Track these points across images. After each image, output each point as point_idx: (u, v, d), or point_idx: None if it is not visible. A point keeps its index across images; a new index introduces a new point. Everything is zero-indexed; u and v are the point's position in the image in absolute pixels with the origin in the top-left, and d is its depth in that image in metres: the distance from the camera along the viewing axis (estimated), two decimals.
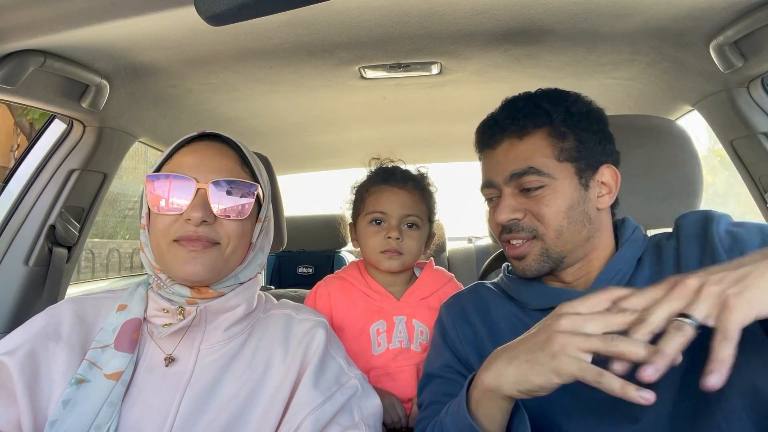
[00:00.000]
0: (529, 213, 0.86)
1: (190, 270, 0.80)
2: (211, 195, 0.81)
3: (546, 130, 0.86)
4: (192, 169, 0.82)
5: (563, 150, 0.86)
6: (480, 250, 3.04)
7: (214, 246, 0.82)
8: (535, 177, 0.85)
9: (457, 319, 0.95)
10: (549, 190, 0.85)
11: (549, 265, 0.86)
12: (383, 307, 1.17)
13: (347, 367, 0.86)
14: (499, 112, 0.93)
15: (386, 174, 1.21)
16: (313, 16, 1.07)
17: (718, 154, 2.52)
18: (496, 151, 0.90)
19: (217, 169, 0.83)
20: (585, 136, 0.87)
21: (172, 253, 0.81)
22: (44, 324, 0.84)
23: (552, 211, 0.84)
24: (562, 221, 0.84)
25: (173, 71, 1.34)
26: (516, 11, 1.08)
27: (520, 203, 0.86)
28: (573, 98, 0.90)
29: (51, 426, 0.73)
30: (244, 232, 0.85)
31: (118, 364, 0.80)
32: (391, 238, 1.14)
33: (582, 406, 0.80)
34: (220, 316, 0.85)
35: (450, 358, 0.93)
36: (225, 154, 0.86)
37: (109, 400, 0.76)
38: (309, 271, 2.89)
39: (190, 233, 0.79)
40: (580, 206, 0.86)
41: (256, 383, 0.81)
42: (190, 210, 0.79)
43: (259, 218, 0.89)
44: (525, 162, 0.85)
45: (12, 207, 1.39)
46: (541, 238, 0.85)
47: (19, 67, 1.04)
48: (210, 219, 0.80)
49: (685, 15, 1.09)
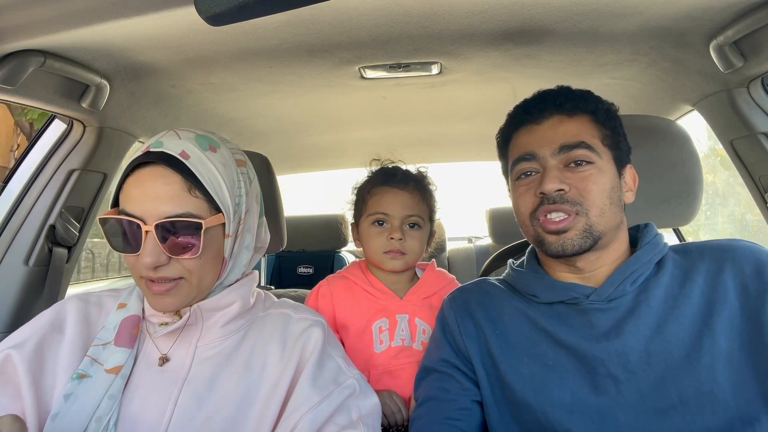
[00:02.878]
0: (574, 187, 0.85)
1: (160, 307, 0.82)
2: (159, 237, 0.77)
3: (592, 116, 0.90)
4: (137, 203, 0.78)
5: (605, 136, 0.88)
6: (480, 250, 3.04)
7: (180, 282, 0.80)
8: (586, 152, 0.86)
9: (459, 312, 0.95)
10: (595, 168, 0.86)
11: (590, 242, 0.84)
12: (386, 305, 1.17)
13: (346, 367, 0.86)
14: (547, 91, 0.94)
15: (387, 175, 1.21)
16: (313, 16, 1.07)
17: (719, 154, 2.52)
18: (542, 125, 0.90)
19: (160, 201, 0.77)
20: (617, 133, 0.90)
21: (144, 288, 0.82)
22: (51, 319, 0.86)
23: (598, 188, 0.85)
24: (605, 200, 0.85)
25: (173, 71, 1.34)
26: (516, 11, 1.08)
27: (566, 176, 0.86)
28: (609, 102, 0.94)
29: (53, 419, 0.75)
30: (206, 260, 0.81)
31: (117, 358, 0.81)
32: (393, 238, 1.15)
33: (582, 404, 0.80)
34: (216, 314, 0.86)
35: (448, 353, 0.94)
36: (168, 181, 0.78)
37: (109, 393, 0.78)
38: (309, 271, 2.89)
39: (150, 274, 0.78)
40: (617, 192, 0.88)
41: (254, 381, 0.82)
42: (142, 256, 0.77)
43: (227, 234, 0.83)
44: (576, 137, 0.86)
45: (12, 207, 1.39)
46: (584, 213, 0.84)
47: (19, 67, 1.04)
48: (163, 260, 0.78)
49: (685, 15, 1.09)
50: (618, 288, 0.84)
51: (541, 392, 0.83)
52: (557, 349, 0.85)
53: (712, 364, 0.77)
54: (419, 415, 0.91)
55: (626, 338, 0.81)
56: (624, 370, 0.80)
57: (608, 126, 0.90)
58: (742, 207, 3.13)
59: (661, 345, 0.79)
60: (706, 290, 0.82)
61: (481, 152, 2.68)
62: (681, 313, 0.81)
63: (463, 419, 0.89)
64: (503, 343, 0.89)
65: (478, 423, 0.90)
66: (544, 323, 0.87)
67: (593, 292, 0.85)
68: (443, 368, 0.93)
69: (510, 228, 2.68)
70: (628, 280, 0.84)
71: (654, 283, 0.84)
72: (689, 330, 0.80)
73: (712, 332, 0.78)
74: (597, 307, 0.84)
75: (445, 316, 0.97)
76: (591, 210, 0.84)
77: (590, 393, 0.80)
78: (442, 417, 0.89)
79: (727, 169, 2.67)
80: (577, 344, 0.83)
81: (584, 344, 0.83)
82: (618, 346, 0.81)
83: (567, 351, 0.84)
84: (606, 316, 0.84)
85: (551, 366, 0.84)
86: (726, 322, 0.79)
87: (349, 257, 2.95)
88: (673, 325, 0.80)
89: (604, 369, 0.81)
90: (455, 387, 0.91)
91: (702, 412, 0.75)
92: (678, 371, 0.77)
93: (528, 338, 0.88)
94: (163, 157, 0.79)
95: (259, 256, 0.96)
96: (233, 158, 0.87)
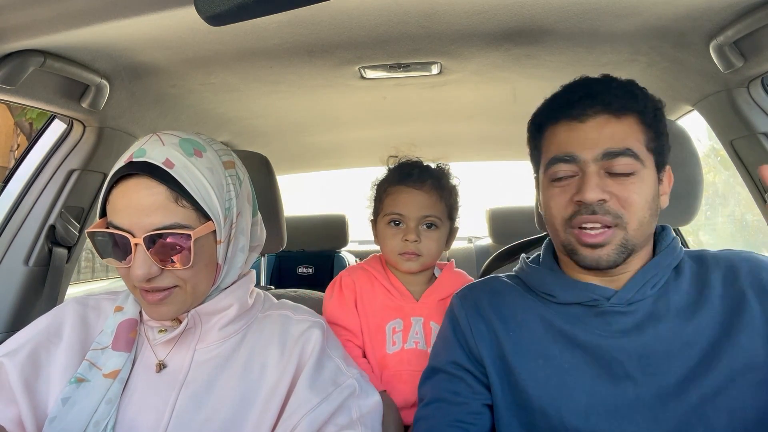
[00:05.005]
0: (615, 197, 0.79)
1: (156, 315, 0.81)
2: (148, 249, 0.76)
3: (638, 117, 0.83)
4: (125, 215, 0.77)
5: (650, 139, 0.83)
6: (480, 250, 3.04)
7: (174, 290, 0.80)
8: (631, 161, 0.79)
9: (470, 312, 0.92)
10: (638, 178, 0.80)
11: (624, 255, 0.80)
12: (402, 306, 1.15)
13: (345, 367, 0.86)
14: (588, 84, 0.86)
15: (403, 173, 1.18)
16: (313, 16, 1.07)
17: (719, 154, 2.52)
18: (586, 124, 0.82)
19: (146, 213, 0.76)
20: (662, 131, 0.85)
21: (138, 297, 0.81)
22: (48, 324, 0.86)
23: (641, 199, 0.80)
24: (646, 212, 0.80)
25: (173, 71, 1.33)
26: (516, 11, 1.08)
27: (607, 185, 0.80)
28: (656, 98, 0.87)
29: (50, 422, 0.76)
30: (198, 270, 0.80)
31: (115, 363, 0.81)
32: (408, 240, 1.12)
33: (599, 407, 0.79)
34: (214, 317, 0.85)
35: (459, 354, 0.90)
36: (154, 192, 0.77)
37: (107, 398, 0.78)
38: (309, 271, 2.89)
39: (143, 285, 0.78)
40: (656, 200, 0.84)
41: (253, 383, 0.82)
42: (133, 269, 0.76)
43: (219, 240, 0.82)
44: (622, 142, 0.80)
45: (12, 207, 1.38)
46: (624, 226, 0.79)
47: (19, 67, 1.04)
48: (154, 272, 0.77)
49: (685, 15, 1.09)
50: (639, 291, 0.82)
51: (557, 397, 0.81)
52: (574, 350, 0.83)
53: (732, 367, 0.76)
54: (425, 415, 0.89)
55: (646, 340, 0.80)
56: (642, 373, 0.78)
57: (654, 128, 0.83)
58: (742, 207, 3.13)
59: (682, 348, 0.78)
60: (725, 296, 0.81)
61: (481, 152, 2.68)
62: (702, 316, 0.80)
63: (473, 423, 0.86)
64: (517, 346, 0.86)
65: (488, 427, 0.88)
66: (560, 324, 0.85)
67: (614, 295, 0.83)
68: (453, 370, 0.90)
69: (510, 228, 2.68)
70: (649, 284, 0.83)
71: (674, 288, 0.83)
72: (709, 334, 0.79)
73: (733, 335, 0.78)
74: (617, 309, 0.82)
75: (456, 316, 0.93)
76: (630, 223, 0.79)
77: (607, 395, 0.79)
78: (451, 419, 0.86)
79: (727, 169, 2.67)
80: (596, 343, 0.81)
81: (603, 342, 0.81)
82: (637, 347, 0.79)
83: (584, 351, 0.82)
84: (626, 318, 0.82)
85: (567, 369, 0.82)
86: (748, 325, 0.78)
87: (349, 257, 2.95)
88: (693, 329, 0.79)
89: (622, 370, 0.79)
90: (465, 390, 0.88)
91: (719, 416, 0.74)
92: (698, 374, 0.77)
93: (543, 339, 0.85)
94: (146, 167, 0.77)
95: (255, 254, 0.95)
96: (220, 161, 0.84)
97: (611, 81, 0.85)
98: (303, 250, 2.88)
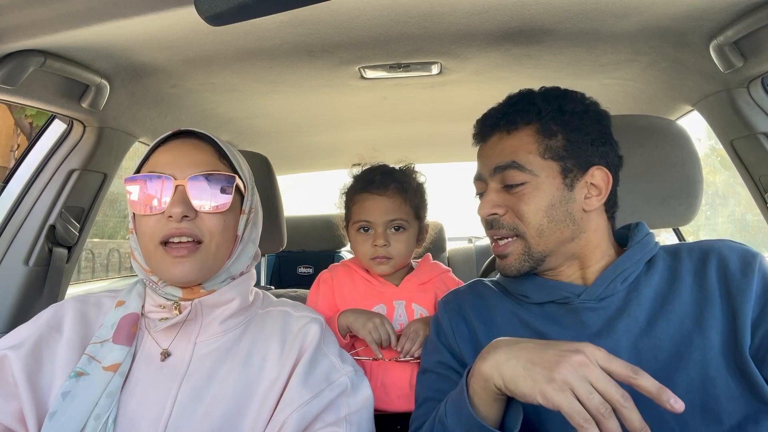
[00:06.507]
0: (510, 210, 0.86)
1: (178, 273, 0.82)
2: (190, 191, 0.81)
3: (534, 127, 0.87)
4: (169, 166, 0.82)
5: (549, 148, 0.85)
6: (480, 250, 3.04)
7: (199, 247, 0.82)
8: (517, 172, 0.85)
9: (453, 315, 0.95)
10: (530, 188, 0.84)
11: (529, 264, 0.86)
12: (383, 292, 1.18)
13: (340, 365, 0.87)
14: (495, 107, 0.93)
15: (365, 181, 1.20)
16: (313, 16, 1.07)
17: (719, 154, 2.52)
18: (487, 144, 0.91)
19: (194, 164, 0.83)
20: (575, 135, 0.86)
21: (160, 256, 0.82)
22: (49, 318, 0.87)
23: (531, 209, 0.84)
24: (542, 220, 0.84)
25: (173, 71, 1.34)
26: (516, 11, 1.08)
27: (503, 199, 0.86)
28: (570, 97, 0.89)
29: (51, 417, 0.76)
30: (226, 226, 0.85)
31: (116, 356, 0.82)
32: (377, 245, 1.15)
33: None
34: (216, 310, 0.86)
35: (444, 355, 0.94)
36: (201, 149, 0.86)
37: (108, 391, 0.79)
38: (309, 271, 2.89)
39: (173, 230, 0.80)
40: (563, 206, 0.85)
41: (253, 377, 0.83)
42: (171, 207, 0.80)
43: (243, 210, 0.89)
44: (509, 156, 0.85)
45: (12, 207, 1.39)
46: (522, 236, 0.85)
47: (19, 67, 1.04)
48: (191, 214, 0.81)
49: (685, 15, 1.09)
50: (608, 287, 0.84)
51: None
52: None
53: (703, 360, 0.77)
54: (417, 416, 0.92)
55: (617, 337, 0.81)
56: None
57: (560, 132, 0.85)
58: (742, 207, 3.13)
59: (651, 342, 0.80)
60: (695, 288, 0.82)
61: None
62: (671, 310, 0.81)
63: None
64: None
65: None
66: (536, 324, 0.87)
67: (584, 291, 0.85)
68: (439, 369, 0.93)
69: None
70: (619, 279, 0.84)
71: (644, 282, 0.84)
72: (679, 327, 0.80)
73: (702, 329, 0.79)
74: (588, 306, 0.84)
75: (440, 320, 0.97)
76: (528, 232, 0.85)
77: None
78: None
79: (727, 169, 2.67)
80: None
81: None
82: (609, 344, 0.80)
83: None
84: (597, 315, 0.84)
85: None
86: (715, 318, 0.79)
87: (349, 257, 2.95)
88: (663, 323, 0.80)
89: None
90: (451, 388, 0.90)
91: (693, 409, 0.75)
92: (668, 368, 0.78)
93: None
94: (193, 133, 0.88)
95: (256, 261, 0.97)
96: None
97: (511, 98, 0.92)
98: (303, 250, 2.88)
